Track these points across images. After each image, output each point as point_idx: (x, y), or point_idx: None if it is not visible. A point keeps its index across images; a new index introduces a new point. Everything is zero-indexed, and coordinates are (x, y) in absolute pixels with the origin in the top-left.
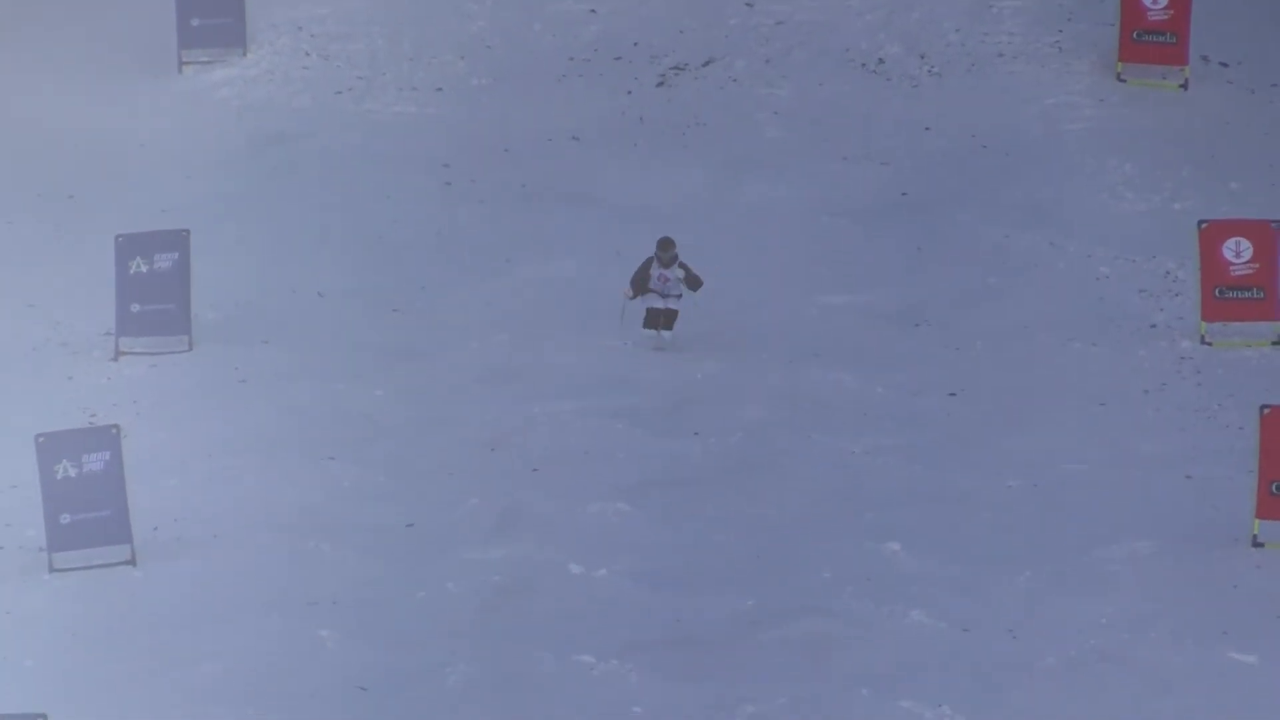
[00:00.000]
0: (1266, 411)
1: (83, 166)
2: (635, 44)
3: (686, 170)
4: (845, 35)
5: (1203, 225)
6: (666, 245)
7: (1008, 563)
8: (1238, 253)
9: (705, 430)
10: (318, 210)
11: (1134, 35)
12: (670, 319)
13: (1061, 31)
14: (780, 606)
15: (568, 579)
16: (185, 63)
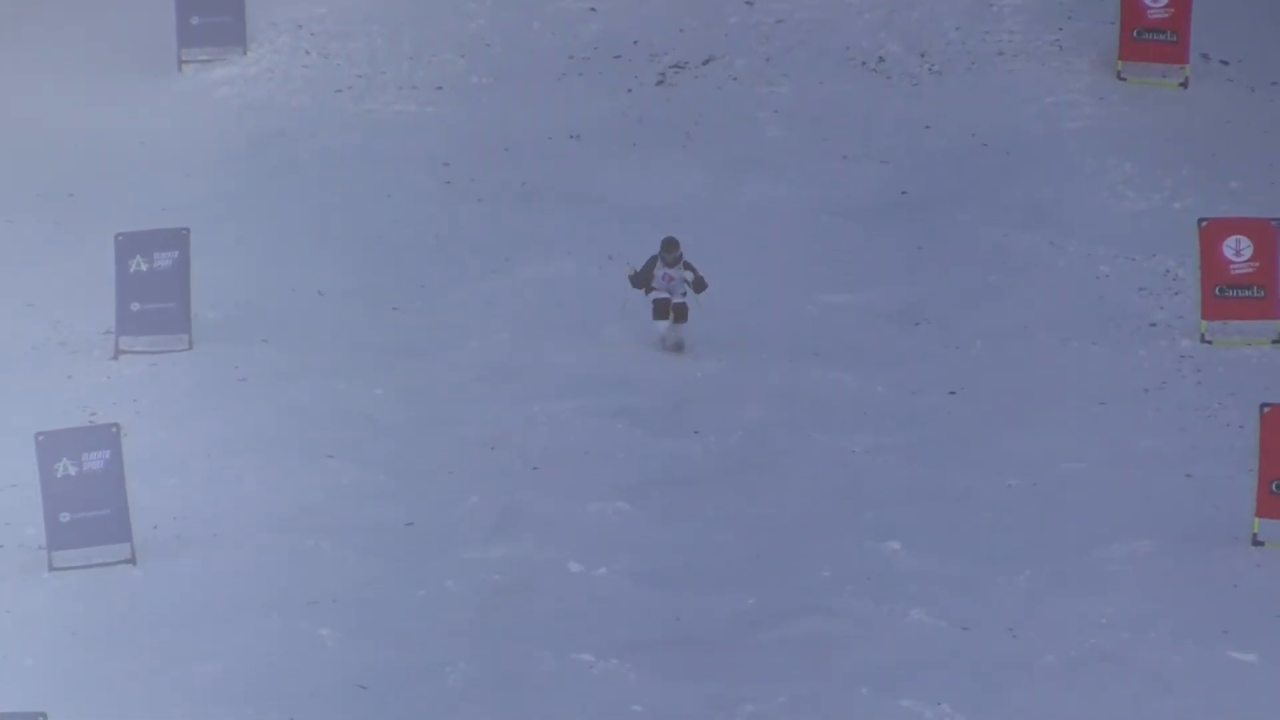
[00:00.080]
0: (1266, 410)
1: (83, 166)
2: (635, 43)
3: (686, 169)
4: (845, 34)
5: (1203, 224)
6: (671, 246)
7: (1008, 562)
8: (1238, 251)
9: (705, 430)
10: (318, 210)
11: (1134, 33)
12: (681, 311)
13: (1062, 30)
14: (780, 606)
15: (567, 578)
16: (185, 62)
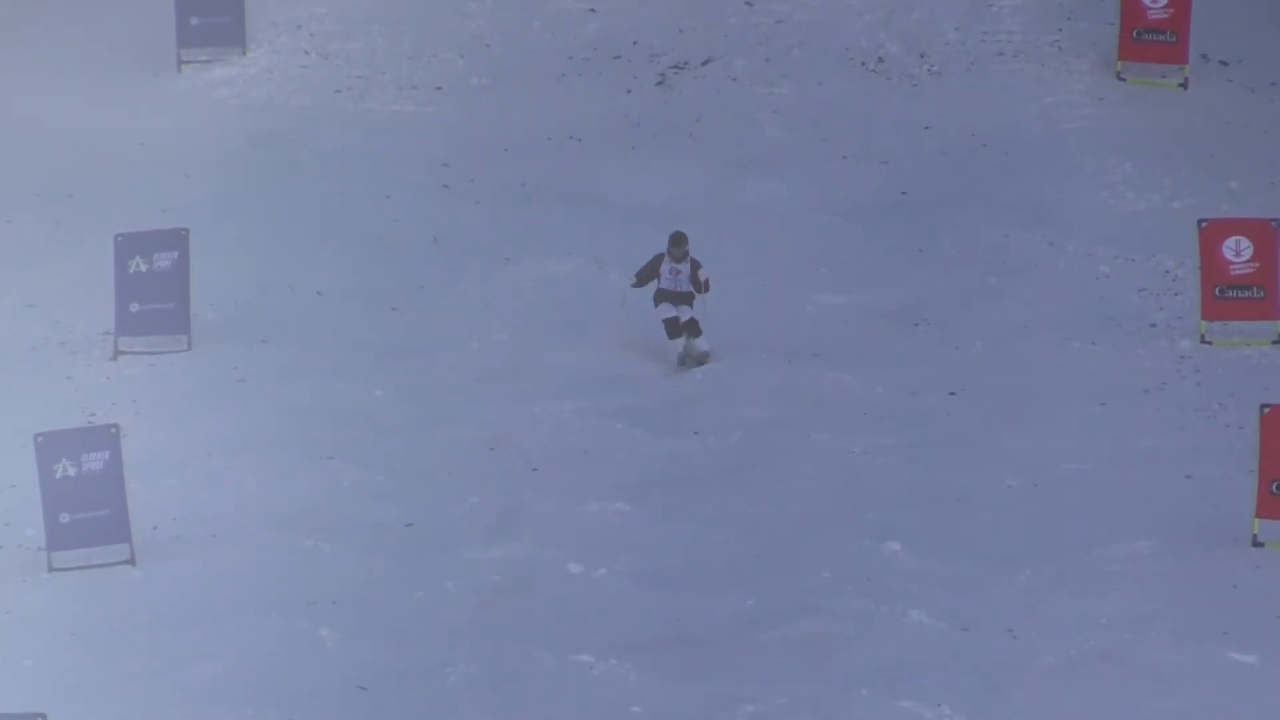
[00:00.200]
0: (1266, 411)
1: (83, 166)
2: (635, 43)
3: (686, 170)
4: (845, 34)
5: (1203, 224)
6: (679, 240)
7: (1008, 562)
8: (1238, 252)
9: (705, 430)
10: (317, 210)
11: (1134, 34)
12: (693, 326)
13: (1061, 30)
14: (780, 606)
15: (567, 578)
16: (185, 62)
